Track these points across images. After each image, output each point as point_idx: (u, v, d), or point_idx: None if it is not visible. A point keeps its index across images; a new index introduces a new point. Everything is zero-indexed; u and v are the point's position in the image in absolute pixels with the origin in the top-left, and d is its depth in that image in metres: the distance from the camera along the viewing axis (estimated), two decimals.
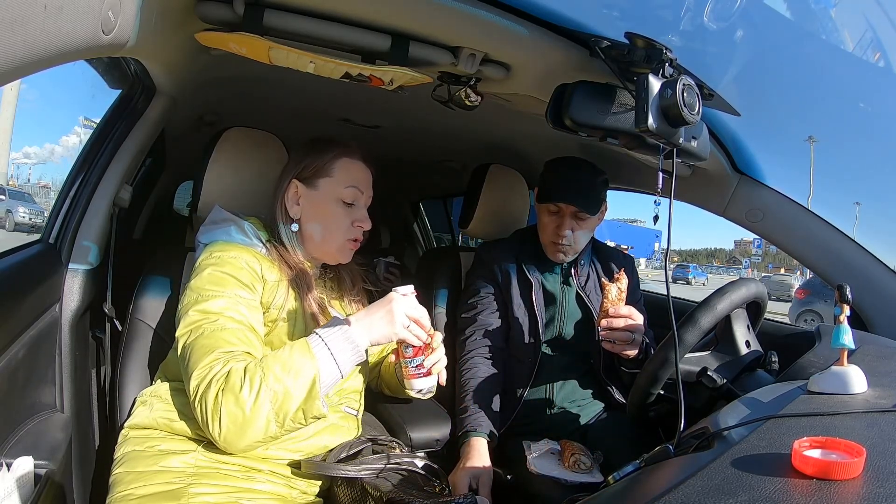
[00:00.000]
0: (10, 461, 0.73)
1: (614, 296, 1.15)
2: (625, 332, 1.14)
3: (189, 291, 0.91)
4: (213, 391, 0.80)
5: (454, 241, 3.23)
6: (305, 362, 0.83)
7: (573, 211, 1.30)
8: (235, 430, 0.80)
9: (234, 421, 0.79)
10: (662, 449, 0.69)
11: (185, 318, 0.88)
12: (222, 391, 0.80)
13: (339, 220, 1.03)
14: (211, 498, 0.83)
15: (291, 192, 1.03)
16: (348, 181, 1.03)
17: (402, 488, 0.86)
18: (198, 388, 0.81)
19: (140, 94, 1.15)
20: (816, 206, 1.33)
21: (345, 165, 1.04)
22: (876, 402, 0.70)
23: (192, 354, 0.84)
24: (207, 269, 0.92)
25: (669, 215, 0.82)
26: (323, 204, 1.03)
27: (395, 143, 2.03)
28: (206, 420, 0.80)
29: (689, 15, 1.00)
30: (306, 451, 0.93)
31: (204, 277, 0.91)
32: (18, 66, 0.44)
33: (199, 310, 0.88)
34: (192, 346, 0.85)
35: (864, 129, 1.66)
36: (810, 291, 8.26)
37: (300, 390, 0.81)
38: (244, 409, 0.79)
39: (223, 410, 0.79)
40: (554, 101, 0.92)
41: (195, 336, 0.86)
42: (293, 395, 0.81)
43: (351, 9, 0.88)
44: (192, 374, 0.82)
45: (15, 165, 14.59)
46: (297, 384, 0.81)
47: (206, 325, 0.86)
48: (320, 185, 1.03)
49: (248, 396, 0.79)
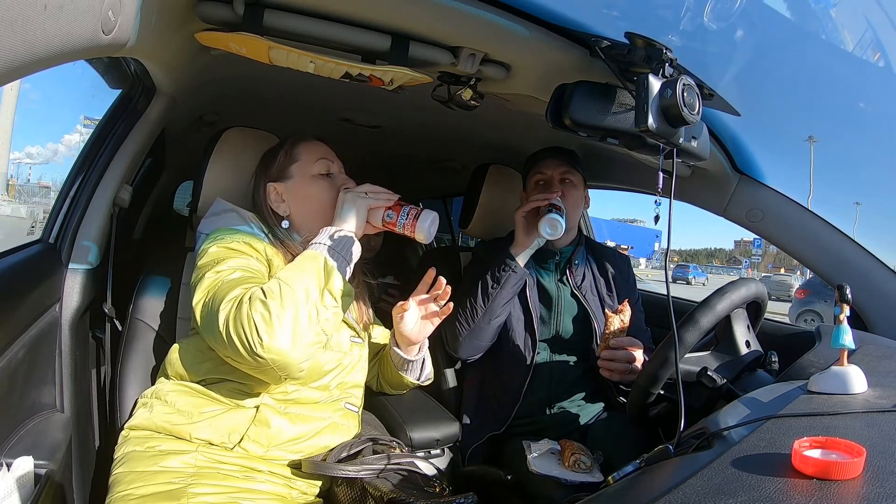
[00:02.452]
0: (10, 461, 0.73)
1: (616, 327, 1.16)
2: (625, 363, 1.16)
3: (198, 270, 0.93)
4: (244, 309, 0.81)
5: (454, 241, 3.23)
6: (307, 257, 0.90)
7: (561, 172, 1.37)
8: (275, 329, 0.80)
9: (267, 321, 0.80)
10: (662, 449, 0.69)
11: (200, 285, 0.89)
12: (248, 302, 0.82)
13: (324, 192, 1.05)
14: (211, 498, 0.83)
15: (272, 195, 1.06)
16: (314, 156, 1.07)
17: (402, 488, 0.86)
18: (227, 318, 0.82)
19: (140, 94, 1.15)
20: (816, 206, 1.33)
21: (304, 147, 1.08)
22: (876, 402, 0.70)
23: (215, 300, 0.85)
24: (213, 247, 0.94)
25: (669, 215, 0.82)
26: (303, 186, 1.05)
27: (395, 143, 2.03)
28: (243, 339, 0.80)
29: (689, 15, 1.00)
30: (307, 452, 0.93)
31: (211, 253, 0.93)
32: (18, 66, 0.44)
33: (214, 271, 0.90)
34: (214, 296, 0.86)
35: (864, 130, 1.66)
36: (810, 291, 8.25)
37: (313, 275, 0.87)
38: (271, 308, 0.81)
39: (256, 318, 0.80)
40: (554, 101, 0.92)
41: (214, 290, 0.87)
42: (310, 280, 0.86)
43: (351, 9, 0.88)
44: (218, 311, 0.83)
45: (15, 165, 14.54)
46: (309, 270, 0.87)
47: (223, 277, 0.88)
48: (292, 172, 1.06)
49: (273, 297, 0.82)
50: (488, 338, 1.34)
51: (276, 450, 0.90)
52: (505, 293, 1.30)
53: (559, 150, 1.44)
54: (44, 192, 14.63)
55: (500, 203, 1.57)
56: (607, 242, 1.61)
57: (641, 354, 1.17)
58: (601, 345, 1.19)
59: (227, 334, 0.81)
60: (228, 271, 0.89)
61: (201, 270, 0.92)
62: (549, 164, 1.40)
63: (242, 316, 0.81)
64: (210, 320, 0.84)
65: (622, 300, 1.27)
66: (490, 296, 1.30)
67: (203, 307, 0.87)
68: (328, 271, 0.88)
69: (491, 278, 1.30)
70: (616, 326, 1.17)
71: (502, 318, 1.33)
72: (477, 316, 1.31)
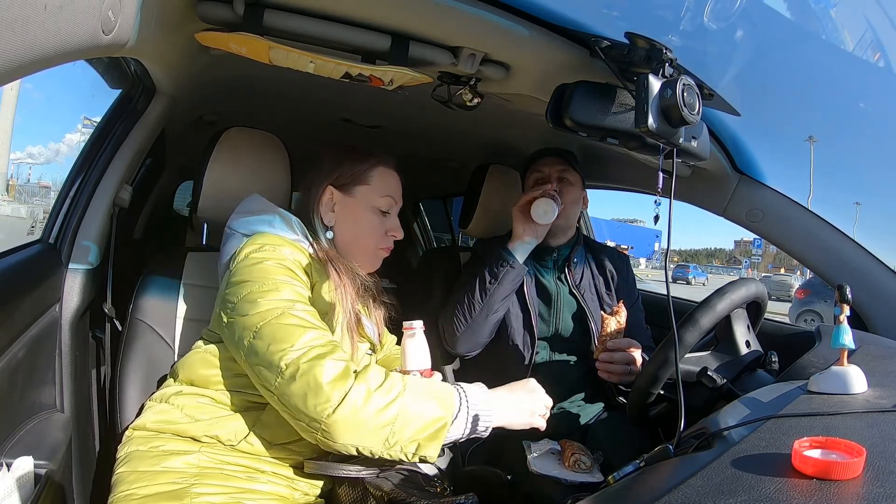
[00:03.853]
0: (10, 461, 0.73)
1: (612, 328, 1.16)
2: (623, 365, 1.16)
3: (239, 276, 0.86)
4: (328, 366, 0.75)
5: (454, 241, 3.23)
6: (448, 397, 0.81)
7: (559, 170, 1.38)
8: (359, 417, 0.74)
9: (357, 405, 0.74)
10: (662, 449, 0.69)
11: (251, 304, 0.83)
12: (353, 376, 0.76)
13: (374, 227, 1.03)
14: (213, 498, 0.83)
15: (326, 197, 1.03)
16: (385, 190, 1.04)
17: (403, 488, 0.86)
18: (298, 360, 0.76)
19: (140, 94, 1.15)
20: (816, 206, 1.33)
21: (382, 174, 1.05)
22: (876, 402, 0.70)
23: (279, 332, 0.79)
24: (260, 257, 0.88)
25: (669, 215, 0.82)
26: (359, 211, 1.03)
27: (395, 143, 2.03)
28: (314, 397, 0.74)
29: (689, 15, 1.00)
30: (310, 451, 0.93)
31: (261, 268, 0.87)
32: (18, 66, 0.44)
33: (272, 299, 0.83)
34: (277, 330, 0.80)
35: (864, 129, 1.66)
36: (810, 291, 8.25)
37: (429, 422, 0.78)
38: (369, 405, 0.75)
39: (349, 396, 0.74)
40: (554, 101, 0.92)
41: (273, 317, 0.81)
42: (422, 421, 0.77)
43: (351, 9, 0.88)
44: (284, 350, 0.77)
45: (15, 165, 14.50)
46: (430, 411, 0.78)
47: (284, 309, 0.82)
48: (357, 192, 1.03)
49: (380, 397, 0.76)
50: (486, 333, 1.34)
51: (280, 448, 0.90)
52: (503, 289, 1.30)
53: (557, 150, 1.45)
54: (44, 192, 14.61)
55: (500, 203, 1.57)
56: (607, 242, 1.61)
57: (640, 355, 1.17)
58: (598, 347, 1.19)
59: (294, 378, 0.76)
60: (288, 303, 0.83)
61: (248, 285, 0.85)
62: (546, 163, 1.41)
63: (321, 373, 0.75)
64: (267, 353, 0.79)
65: (621, 299, 1.27)
66: (487, 291, 1.30)
67: (256, 333, 0.81)
68: (438, 434, 0.78)
69: (489, 274, 1.30)
70: (612, 328, 1.16)
71: (500, 313, 1.34)
72: (475, 311, 1.31)
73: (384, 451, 0.77)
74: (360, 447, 0.77)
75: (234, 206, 1.08)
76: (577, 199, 1.40)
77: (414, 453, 0.78)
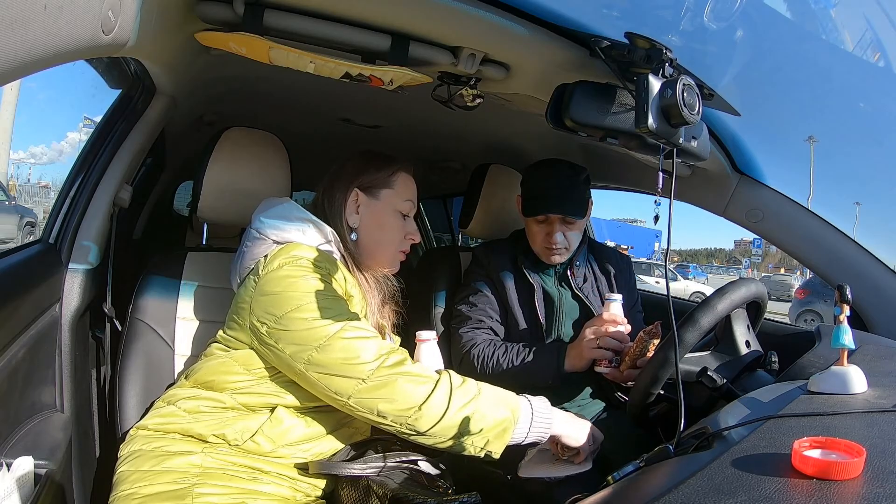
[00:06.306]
0: (10, 461, 0.73)
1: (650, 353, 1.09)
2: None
3: (291, 298, 0.87)
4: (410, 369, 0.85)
5: (454, 241, 3.23)
6: (516, 402, 0.90)
7: (561, 217, 1.30)
8: (434, 415, 0.83)
9: (440, 405, 0.84)
10: (662, 449, 0.69)
11: (307, 322, 0.85)
12: (435, 376, 0.85)
13: (395, 230, 1.06)
14: (216, 499, 0.83)
15: (352, 199, 1.04)
16: (407, 195, 1.08)
17: (406, 487, 0.86)
18: (379, 369, 0.84)
19: (140, 94, 1.15)
20: (816, 206, 1.33)
21: (404, 180, 1.09)
22: (876, 402, 0.70)
23: (349, 344, 0.85)
24: (306, 276, 0.89)
25: (669, 215, 0.82)
26: (383, 215, 1.06)
27: (395, 143, 2.03)
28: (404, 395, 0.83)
29: (689, 15, 1.00)
30: (314, 452, 0.93)
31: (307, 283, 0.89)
32: (18, 66, 0.44)
33: (329, 314, 0.86)
34: (342, 340, 0.85)
35: (865, 130, 1.66)
36: (810, 291, 8.27)
37: (499, 421, 0.86)
38: (452, 401, 0.84)
39: (435, 393, 0.84)
40: (554, 101, 0.92)
41: (336, 331, 0.85)
42: (493, 419, 0.86)
43: (351, 9, 0.88)
44: (359, 357, 0.84)
45: (15, 165, 14.49)
46: (500, 412, 0.87)
47: (343, 321, 0.86)
48: (382, 195, 1.06)
49: (460, 395, 0.85)
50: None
51: (285, 448, 0.90)
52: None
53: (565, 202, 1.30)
54: (43, 192, 14.61)
55: (500, 203, 1.57)
56: (607, 242, 1.60)
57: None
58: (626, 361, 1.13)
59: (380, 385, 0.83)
60: (345, 317, 0.87)
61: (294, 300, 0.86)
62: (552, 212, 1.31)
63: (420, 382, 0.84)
64: (343, 365, 0.84)
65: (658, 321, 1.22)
66: (517, 377, 1.24)
67: (320, 347, 0.84)
68: (504, 434, 0.87)
69: (532, 368, 1.24)
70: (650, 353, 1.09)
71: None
72: (496, 373, 1.27)
73: (455, 443, 0.85)
74: (438, 439, 0.85)
75: (234, 206, 1.08)
76: (580, 228, 1.36)
77: (482, 448, 0.86)
